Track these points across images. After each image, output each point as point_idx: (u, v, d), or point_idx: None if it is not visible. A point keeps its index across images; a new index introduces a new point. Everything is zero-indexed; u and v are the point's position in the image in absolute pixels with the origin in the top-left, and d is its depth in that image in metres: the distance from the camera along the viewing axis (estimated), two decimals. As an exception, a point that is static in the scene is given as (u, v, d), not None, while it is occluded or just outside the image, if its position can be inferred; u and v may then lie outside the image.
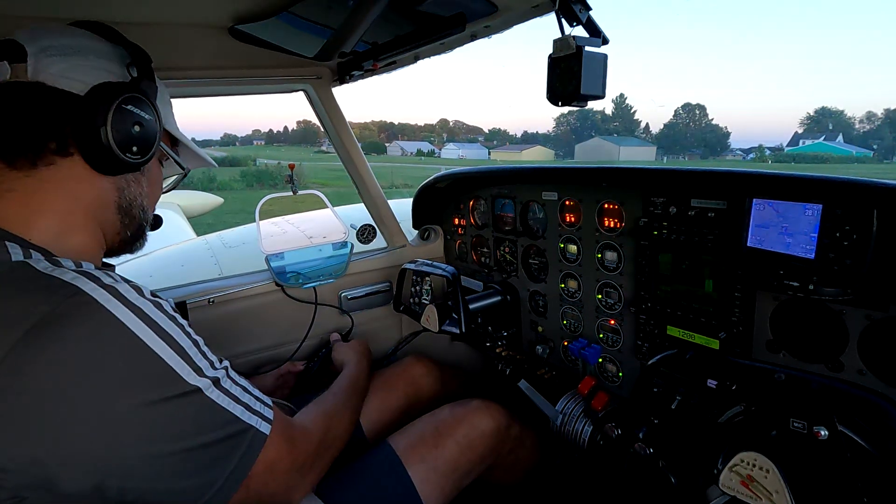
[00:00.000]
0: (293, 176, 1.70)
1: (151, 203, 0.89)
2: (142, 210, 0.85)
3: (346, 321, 1.87)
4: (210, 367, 0.71)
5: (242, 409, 0.72)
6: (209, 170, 12.92)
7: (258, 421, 0.74)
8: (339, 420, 1.02)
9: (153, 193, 0.90)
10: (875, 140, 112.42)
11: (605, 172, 1.37)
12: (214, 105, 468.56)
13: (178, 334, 0.67)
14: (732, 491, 0.91)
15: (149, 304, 0.66)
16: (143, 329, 0.63)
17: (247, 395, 0.75)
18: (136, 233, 0.87)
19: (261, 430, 0.74)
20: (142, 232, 0.88)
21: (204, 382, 0.68)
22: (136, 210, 0.84)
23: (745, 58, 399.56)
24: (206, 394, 0.68)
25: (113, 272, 0.71)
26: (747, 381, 1.05)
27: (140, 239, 0.89)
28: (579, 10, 0.91)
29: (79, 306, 0.60)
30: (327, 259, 1.80)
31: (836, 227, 0.92)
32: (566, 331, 1.61)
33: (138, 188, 0.84)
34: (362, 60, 1.41)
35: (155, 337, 0.64)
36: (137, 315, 0.64)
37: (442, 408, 1.29)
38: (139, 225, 0.86)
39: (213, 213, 9.16)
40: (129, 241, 0.86)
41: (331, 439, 0.95)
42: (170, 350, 0.65)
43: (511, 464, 1.39)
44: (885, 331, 0.93)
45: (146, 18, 1.14)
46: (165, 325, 0.66)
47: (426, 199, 1.99)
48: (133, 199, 0.83)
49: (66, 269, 0.64)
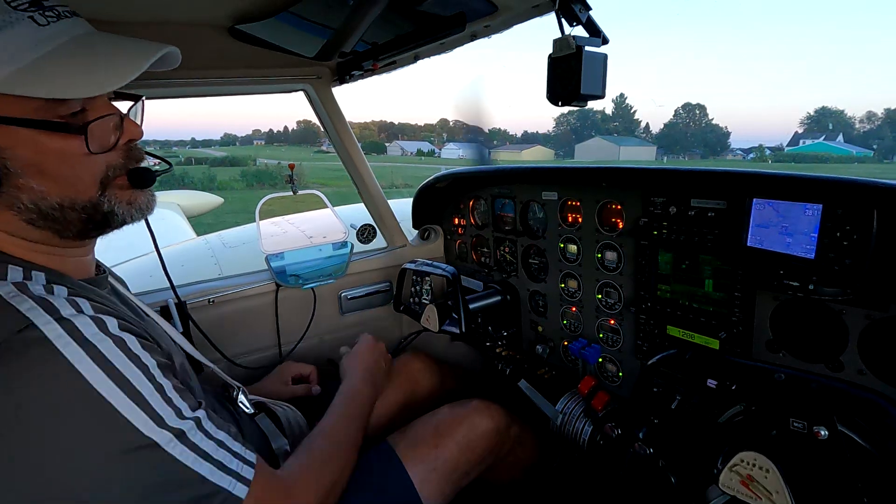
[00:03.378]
0: (293, 176, 1.70)
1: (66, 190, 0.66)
2: (58, 209, 0.66)
3: (345, 321, 1.87)
4: (175, 417, 0.63)
5: (211, 469, 0.64)
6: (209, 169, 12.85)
7: (231, 482, 0.66)
8: (334, 464, 0.93)
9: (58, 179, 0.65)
10: (875, 140, 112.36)
11: (605, 172, 1.37)
12: (214, 105, 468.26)
13: (136, 378, 0.60)
14: (732, 491, 0.91)
15: (108, 341, 0.60)
16: (93, 372, 0.56)
17: (222, 451, 0.67)
18: (84, 224, 0.70)
19: (233, 493, 0.66)
20: (91, 217, 0.70)
21: (163, 436, 0.60)
22: (51, 212, 0.66)
23: (745, 57, 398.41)
24: (166, 449, 0.60)
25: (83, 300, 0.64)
26: (747, 381, 1.05)
27: (98, 222, 0.71)
28: (579, 9, 0.91)
29: (26, 344, 0.55)
30: (327, 259, 1.80)
31: (837, 227, 0.92)
32: (566, 331, 1.61)
33: (29, 194, 0.64)
34: (362, 60, 1.41)
35: (107, 381, 0.57)
36: (90, 355, 0.57)
37: (441, 408, 1.29)
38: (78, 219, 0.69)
39: (213, 212, 9.18)
40: (84, 232, 0.71)
41: (326, 489, 0.87)
42: (124, 396, 0.58)
43: (511, 463, 1.39)
44: (885, 331, 0.93)
45: (146, 18, 1.14)
46: (123, 368, 0.59)
47: (426, 199, 1.99)
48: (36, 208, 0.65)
49: (25, 298, 0.58)
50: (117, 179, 0.71)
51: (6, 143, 0.61)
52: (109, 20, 1.01)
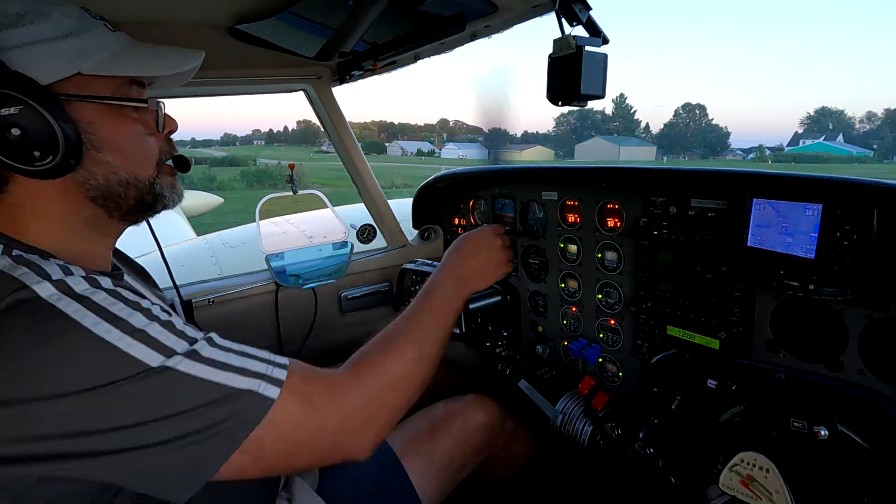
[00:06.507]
0: (293, 176, 1.70)
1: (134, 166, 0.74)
2: (124, 185, 0.73)
3: (346, 321, 1.87)
4: (184, 342, 0.64)
5: (232, 376, 0.63)
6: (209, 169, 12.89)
7: (258, 384, 0.64)
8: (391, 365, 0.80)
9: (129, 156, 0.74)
10: (875, 140, 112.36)
11: (605, 172, 1.37)
12: (214, 105, 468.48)
13: (137, 319, 0.62)
14: (732, 491, 0.91)
15: (102, 293, 0.62)
16: (91, 319, 0.59)
17: (244, 359, 0.67)
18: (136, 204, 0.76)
19: (261, 394, 0.64)
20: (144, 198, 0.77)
21: (174, 359, 0.61)
22: (117, 189, 0.73)
23: (745, 57, 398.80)
24: (179, 369, 0.61)
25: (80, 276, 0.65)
26: (747, 381, 1.05)
27: (148, 203, 0.78)
28: (579, 9, 0.91)
29: (21, 302, 0.57)
30: (327, 259, 1.80)
31: (837, 227, 0.92)
32: (566, 331, 1.61)
33: (104, 168, 0.71)
34: (362, 60, 1.41)
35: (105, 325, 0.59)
36: (86, 306, 0.59)
37: (436, 403, 1.29)
38: (134, 197, 0.75)
39: (214, 212, 9.18)
40: (132, 212, 0.77)
41: (377, 393, 0.76)
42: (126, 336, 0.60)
43: (507, 458, 1.39)
44: (885, 331, 0.93)
45: (146, 18, 1.14)
46: (121, 312, 0.61)
47: (426, 199, 1.99)
48: (106, 184, 0.72)
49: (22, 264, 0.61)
50: (165, 164, 0.81)
51: (92, 119, 0.70)
52: (110, 20, 1.00)
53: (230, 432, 0.62)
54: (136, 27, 1.13)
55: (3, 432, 0.54)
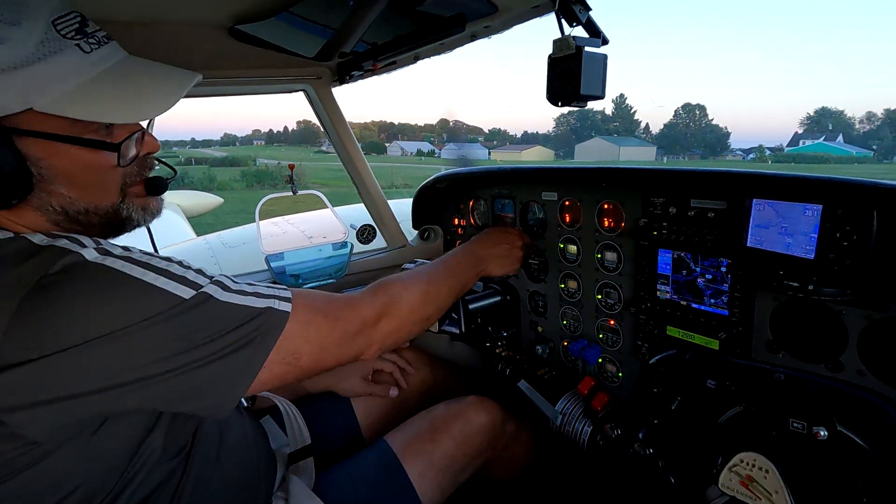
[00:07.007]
0: (293, 176, 1.70)
1: (92, 197, 0.73)
2: (83, 213, 0.72)
3: None
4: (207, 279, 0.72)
5: (253, 298, 0.73)
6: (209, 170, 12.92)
7: (273, 301, 0.75)
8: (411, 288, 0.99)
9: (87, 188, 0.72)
10: (875, 140, 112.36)
11: (605, 172, 1.37)
12: (214, 105, 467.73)
13: (174, 267, 0.69)
14: (732, 491, 0.91)
15: (137, 251, 0.69)
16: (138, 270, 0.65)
17: (255, 286, 0.76)
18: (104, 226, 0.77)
19: (277, 309, 0.74)
20: (110, 221, 0.77)
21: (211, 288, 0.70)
22: (76, 216, 0.72)
23: (745, 57, 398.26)
24: (217, 297, 0.70)
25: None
26: (747, 381, 1.05)
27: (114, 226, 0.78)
28: (579, 10, 0.91)
29: (73, 264, 0.62)
30: (327, 259, 1.80)
31: (836, 228, 0.92)
32: (566, 331, 1.61)
33: (59, 199, 0.70)
34: (362, 60, 1.41)
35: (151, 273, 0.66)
36: (130, 261, 0.66)
37: (437, 405, 1.29)
38: (99, 222, 0.75)
39: (213, 213, 9.17)
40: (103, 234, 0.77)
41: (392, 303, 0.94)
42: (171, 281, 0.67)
43: (508, 459, 1.39)
44: (885, 331, 0.93)
45: (146, 18, 1.14)
46: (159, 263, 0.68)
47: (426, 200, 1.99)
48: (63, 210, 0.71)
49: (60, 237, 0.66)
50: (134, 187, 0.79)
51: (43, 154, 0.67)
52: (110, 20, 1.00)
53: (259, 343, 0.71)
54: (135, 27, 1.13)
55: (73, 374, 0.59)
